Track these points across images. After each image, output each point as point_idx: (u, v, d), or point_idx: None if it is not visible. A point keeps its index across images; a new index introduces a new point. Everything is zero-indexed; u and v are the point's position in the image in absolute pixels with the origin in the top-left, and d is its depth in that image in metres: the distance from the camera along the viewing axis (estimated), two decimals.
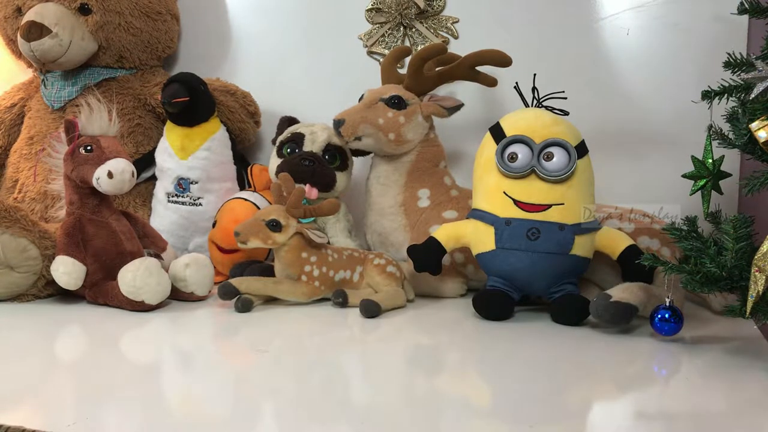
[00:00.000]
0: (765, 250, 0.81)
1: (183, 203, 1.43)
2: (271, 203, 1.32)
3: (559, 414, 0.73)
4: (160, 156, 1.45)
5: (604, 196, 1.25)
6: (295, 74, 1.63)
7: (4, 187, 1.55)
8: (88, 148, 1.18)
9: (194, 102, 1.39)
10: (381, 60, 1.49)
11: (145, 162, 1.49)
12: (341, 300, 1.17)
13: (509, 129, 1.13)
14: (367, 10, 1.56)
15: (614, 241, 1.11)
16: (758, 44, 0.94)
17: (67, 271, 1.15)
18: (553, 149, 1.09)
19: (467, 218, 1.17)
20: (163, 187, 1.45)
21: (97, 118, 1.20)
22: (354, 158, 1.43)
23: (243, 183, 1.52)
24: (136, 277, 1.12)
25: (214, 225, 1.39)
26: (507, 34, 1.47)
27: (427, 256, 1.17)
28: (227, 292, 1.14)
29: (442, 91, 1.46)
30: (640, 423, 0.71)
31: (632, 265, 1.06)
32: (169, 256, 1.29)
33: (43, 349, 0.98)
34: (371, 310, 1.11)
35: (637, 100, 1.43)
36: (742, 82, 0.91)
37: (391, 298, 1.16)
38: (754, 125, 0.86)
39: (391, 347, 0.98)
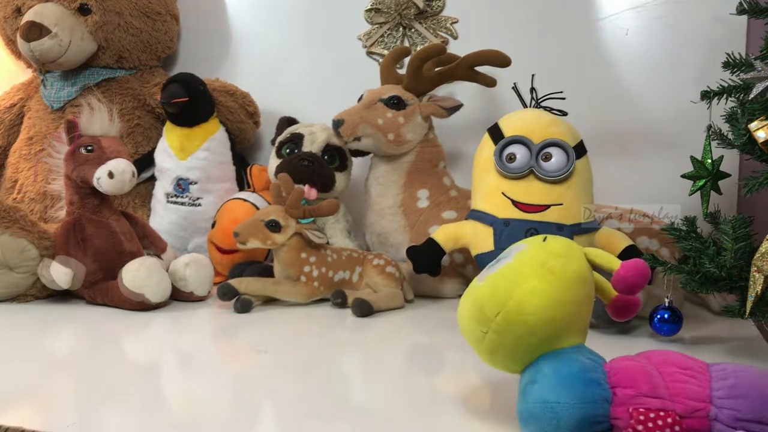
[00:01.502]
0: (764, 250, 0.81)
1: (182, 203, 1.43)
2: (270, 204, 1.32)
3: None
4: (159, 156, 1.45)
5: (604, 196, 1.25)
6: (295, 74, 1.63)
7: (4, 188, 1.55)
8: (89, 148, 1.18)
9: (194, 102, 1.39)
10: (380, 60, 1.49)
11: (144, 162, 1.49)
12: (340, 300, 1.17)
13: (508, 129, 1.13)
14: (367, 11, 1.56)
15: (613, 241, 1.11)
16: (757, 44, 0.94)
17: (50, 275, 1.17)
18: (552, 150, 1.09)
19: (466, 219, 1.17)
20: (162, 188, 1.45)
21: (98, 118, 1.20)
22: (353, 158, 1.43)
23: (242, 183, 1.52)
24: (139, 272, 1.12)
25: (213, 225, 1.39)
26: (506, 35, 1.47)
27: (427, 257, 1.18)
28: (226, 293, 1.14)
29: (442, 91, 1.46)
30: None
31: None
32: (169, 257, 1.29)
33: (43, 349, 0.98)
34: (364, 309, 1.11)
35: (636, 100, 1.43)
36: (741, 83, 0.91)
37: (386, 299, 1.16)
38: (753, 125, 0.86)
39: (391, 347, 0.98)
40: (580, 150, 1.11)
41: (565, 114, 1.16)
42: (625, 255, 1.09)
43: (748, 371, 0.56)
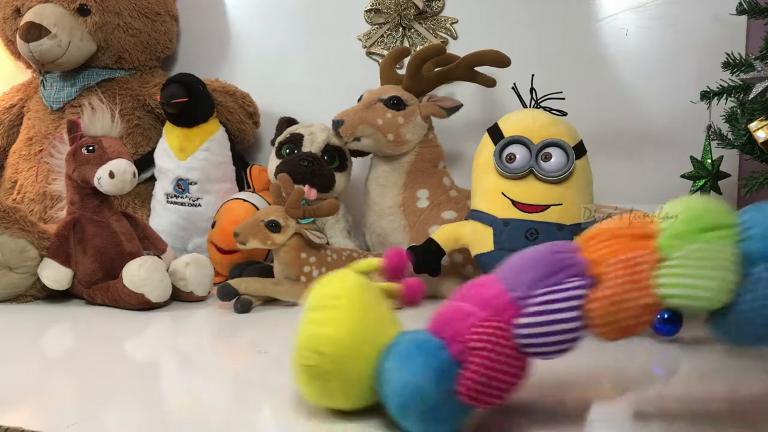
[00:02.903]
0: None
1: (182, 204, 1.43)
2: (270, 204, 1.32)
3: (558, 414, 0.73)
4: (159, 157, 1.45)
5: (604, 197, 1.25)
6: (295, 74, 1.63)
7: (3, 188, 1.55)
8: (90, 148, 1.18)
9: (193, 103, 1.39)
10: (380, 60, 1.50)
11: (144, 163, 1.49)
12: None
13: (507, 130, 1.13)
14: (366, 11, 1.56)
15: None
16: (757, 45, 0.94)
17: (50, 275, 1.17)
18: (551, 150, 1.09)
19: (466, 219, 1.17)
20: (162, 188, 1.45)
21: (100, 119, 1.21)
22: (353, 159, 1.43)
23: (242, 184, 1.52)
24: (142, 268, 1.13)
25: (213, 226, 1.39)
26: (506, 35, 1.47)
27: (427, 258, 1.18)
28: (226, 293, 1.14)
29: (441, 91, 1.46)
30: (639, 423, 0.71)
31: None
32: (169, 258, 1.29)
33: (43, 349, 0.98)
34: None
35: (636, 100, 1.43)
36: (740, 83, 0.91)
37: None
38: (752, 125, 0.86)
39: None
40: (579, 150, 1.11)
41: (564, 114, 1.16)
42: None
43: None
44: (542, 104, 1.17)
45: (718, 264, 0.59)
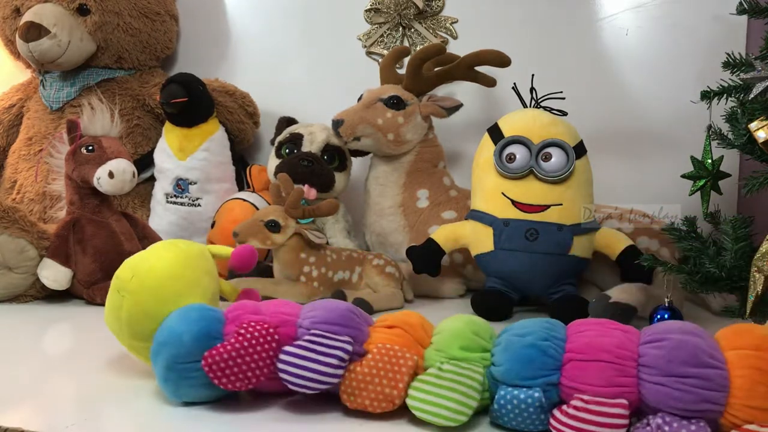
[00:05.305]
0: (764, 250, 0.81)
1: (182, 204, 1.43)
2: (270, 204, 1.32)
3: None
4: (158, 157, 1.45)
5: (604, 197, 1.25)
6: (295, 74, 1.63)
7: (3, 188, 1.55)
8: (90, 148, 1.18)
9: (193, 102, 1.39)
10: (380, 60, 1.49)
11: (144, 163, 1.49)
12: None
13: (507, 130, 1.13)
14: (366, 11, 1.56)
15: (613, 241, 1.11)
16: (757, 44, 0.94)
17: (49, 275, 1.17)
18: (551, 150, 1.09)
19: (466, 219, 1.17)
20: (161, 188, 1.45)
21: (100, 119, 1.21)
22: (353, 158, 1.43)
23: (242, 183, 1.52)
24: None
25: (212, 225, 1.39)
26: (506, 35, 1.47)
27: (427, 258, 1.17)
28: None
29: (441, 91, 1.46)
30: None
31: (631, 265, 1.06)
32: None
33: (42, 349, 0.98)
34: (363, 309, 1.11)
35: (636, 100, 1.43)
36: (741, 83, 0.91)
37: (385, 299, 1.16)
38: (753, 125, 0.86)
39: None
40: (579, 150, 1.11)
41: (565, 114, 1.16)
42: (624, 255, 1.09)
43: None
44: (542, 104, 1.17)
45: (460, 387, 0.66)
